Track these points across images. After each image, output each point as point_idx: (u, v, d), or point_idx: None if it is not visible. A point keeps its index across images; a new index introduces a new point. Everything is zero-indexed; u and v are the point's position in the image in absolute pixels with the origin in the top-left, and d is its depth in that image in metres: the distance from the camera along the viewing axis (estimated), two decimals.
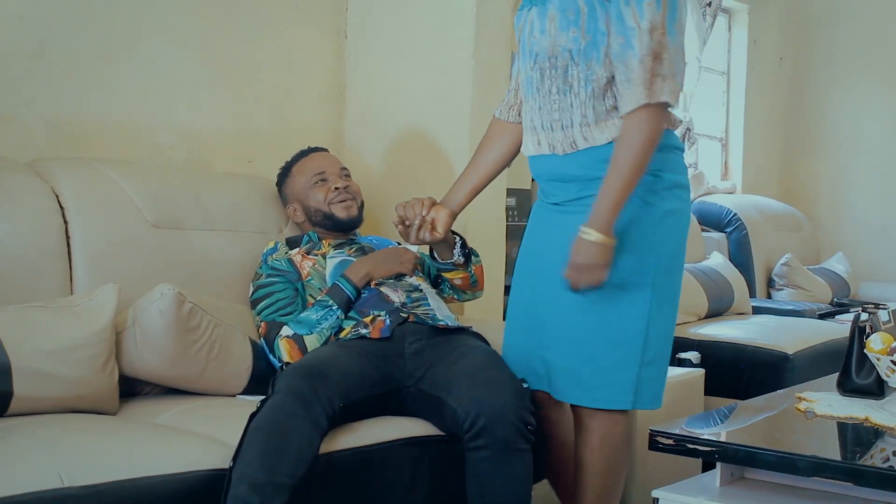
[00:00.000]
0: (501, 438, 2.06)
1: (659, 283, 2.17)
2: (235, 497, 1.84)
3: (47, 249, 2.37)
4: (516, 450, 2.08)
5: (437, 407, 2.20)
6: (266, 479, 1.85)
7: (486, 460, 2.07)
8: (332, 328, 2.43)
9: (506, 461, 2.07)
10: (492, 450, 2.07)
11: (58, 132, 2.74)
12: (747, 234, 5.00)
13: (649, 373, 2.19)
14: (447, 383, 2.19)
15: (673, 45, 2.05)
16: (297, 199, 2.81)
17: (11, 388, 1.97)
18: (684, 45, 2.13)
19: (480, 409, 2.07)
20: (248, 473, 1.86)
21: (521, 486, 2.10)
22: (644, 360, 2.17)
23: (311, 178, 2.77)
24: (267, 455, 1.88)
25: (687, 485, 2.18)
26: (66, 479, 1.67)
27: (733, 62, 5.73)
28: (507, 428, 2.06)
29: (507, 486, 2.08)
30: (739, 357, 3.70)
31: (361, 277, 2.52)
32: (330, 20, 3.46)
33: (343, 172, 2.82)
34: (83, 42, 2.78)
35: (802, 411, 2.38)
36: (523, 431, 2.09)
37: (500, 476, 2.07)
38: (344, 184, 2.76)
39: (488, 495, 2.08)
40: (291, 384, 2.02)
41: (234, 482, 1.85)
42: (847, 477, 1.96)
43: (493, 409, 2.06)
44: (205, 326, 2.30)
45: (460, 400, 2.11)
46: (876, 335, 2.40)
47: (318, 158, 2.84)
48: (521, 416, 2.09)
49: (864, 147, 5.88)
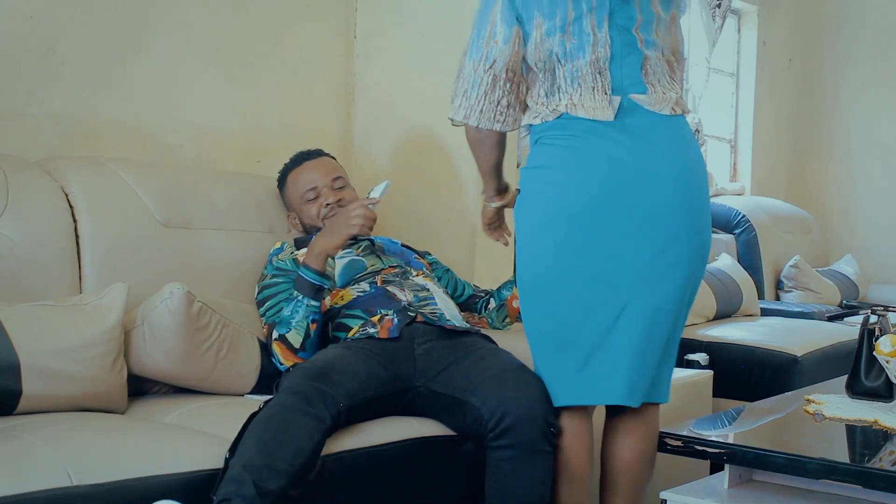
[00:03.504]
0: (527, 439, 2.06)
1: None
2: (229, 478, 1.81)
3: (56, 248, 2.38)
4: (540, 451, 2.08)
5: (454, 407, 2.19)
6: (262, 462, 1.83)
7: (509, 460, 2.07)
8: (307, 317, 2.39)
9: (529, 462, 2.06)
10: (516, 450, 2.06)
11: (68, 131, 2.75)
12: (756, 236, 4.99)
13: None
14: (468, 383, 2.18)
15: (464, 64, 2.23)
16: (293, 209, 2.81)
17: (21, 386, 1.98)
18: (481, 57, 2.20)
19: (507, 409, 2.06)
20: (243, 458, 1.84)
21: (542, 488, 2.10)
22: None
23: (304, 193, 2.76)
24: (264, 443, 1.86)
25: (695, 486, 2.17)
26: (74, 478, 1.68)
27: (743, 63, 5.72)
28: (533, 429, 2.06)
29: (528, 486, 2.07)
30: (748, 359, 3.70)
31: (315, 257, 2.42)
32: (339, 20, 3.46)
33: (336, 184, 2.77)
34: (93, 41, 2.79)
35: (811, 413, 2.38)
36: (547, 434, 2.09)
37: (521, 476, 2.07)
38: (336, 198, 2.73)
39: (508, 495, 2.08)
40: (295, 384, 2.02)
41: (230, 467, 1.84)
42: (856, 480, 1.96)
43: (520, 410, 2.06)
44: (214, 326, 2.30)
45: (485, 399, 2.10)
46: (885, 337, 2.40)
47: (309, 170, 2.79)
48: (547, 418, 2.09)
49: (873, 149, 5.87)
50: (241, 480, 1.80)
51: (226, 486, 1.80)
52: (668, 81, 2.19)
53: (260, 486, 1.80)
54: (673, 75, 2.21)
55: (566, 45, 2.14)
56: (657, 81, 2.17)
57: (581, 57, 2.13)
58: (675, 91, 2.20)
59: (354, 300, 2.52)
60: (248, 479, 1.80)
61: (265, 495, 1.80)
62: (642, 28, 2.16)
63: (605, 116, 2.12)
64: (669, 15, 2.20)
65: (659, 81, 2.17)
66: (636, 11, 2.15)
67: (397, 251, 2.79)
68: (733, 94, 5.70)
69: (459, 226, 3.22)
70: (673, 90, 2.19)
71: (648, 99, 2.15)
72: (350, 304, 2.52)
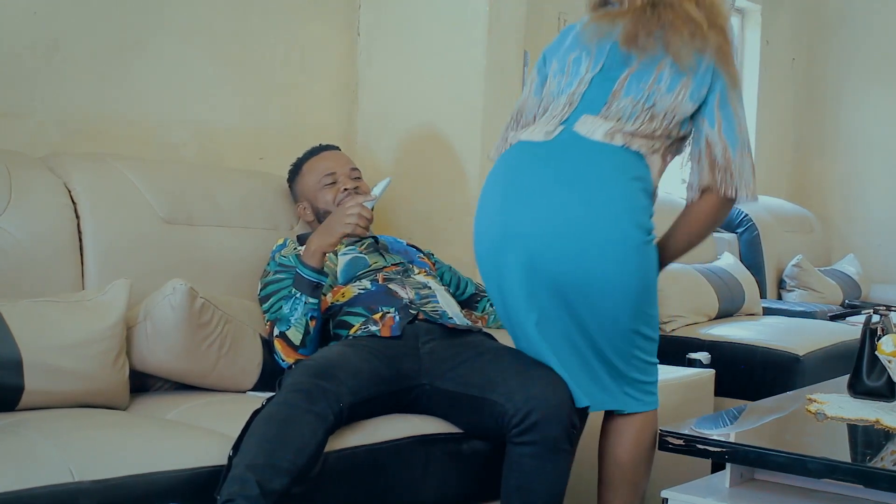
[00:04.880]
0: (551, 437, 2.06)
1: None
2: (233, 477, 1.82)
3: (59, 244, 2.38)
4: (562, 450, 2.09)
5: (468, 404, 2.19)
6: (265, 461, 1.83)
7: (532, 457, 2.07)
8: (306, 314, 2.40)
9: (550, 460, 2.07)
10: (539, 447, 2.07)
11: (71, 128, 2.75)
12: (758, 235, 4.99)
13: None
14: (487, 381, 2.17)
15: None
16: (306, 198, 2.81)
17: (23, 382, 1.98)
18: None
19: (534, 405, 2.06)
20: (246, 458, 1.84)
21: (559, 486, 2.11)
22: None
23: (321, 178, 2.77)
24: (267, 442, 1.86)
25: (696, 485, 2.17)
26: (76, 474, 1.68)
27: (746, 63, 5.72)
28: (558, 427, 2.07)
29: (547, 484, 2.08)
30: (750, 358, 3.69)
31: (312, 254, 2.43)
32: (343, 17, 3.46)
33: (353, 174, 2.81)
34: (97, 38, 2.79)
35: (813, 413, 2.38)
36: (570, 433, 2.10)
37: (542, 474, 2.08)
38: (353, 185, 2.76)
39: (527, 491, 2.09)
40: (297, 382, 2.02)
41: (233, 466, 1.84)
42: (857, 479, 1.95)
43: (547, 407, 2.07)
44: (216, 322, 2.30)
45: (510, 395, 2.10)
46: (887, 337, 2.40)
47: (328, 158, 2.83)
48: (570, 417, 2.10)
49: (876, 148, 5.86)
50: (244, 480, 1.80)
51: (229, 486, 1.81)
52: (633, 120, 2.19)
53: (263, 486, 1.80)
54: (648, 123, 2.19)
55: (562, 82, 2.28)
56: (616, 116, 2.19)
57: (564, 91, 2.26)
58: (635, 129, 2.18)
59: (356, 297, 2.53)
60: (251, 479, 1.80)
61: (268, 495, 1.81)
62: (633, 77, 2.22)
63: (537, 137, 2.22)
64: (681, 81, 2.20)
65: (618, 119, 2.19)
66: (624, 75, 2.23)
67: (401, 249, 2.79)
68: None
69: (463, 223, 3.22)
70: (631, 126, 2.18)
71: (585, 122, 2.19)
72: (351, 302, 2.52)
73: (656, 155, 2.21)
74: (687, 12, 2.22)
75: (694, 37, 2.20)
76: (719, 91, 2.21)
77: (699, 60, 2.20)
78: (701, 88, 2.20)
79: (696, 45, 2.20)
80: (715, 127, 2.21)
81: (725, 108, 2.21)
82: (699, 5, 2.24)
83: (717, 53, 2.22)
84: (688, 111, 2.22)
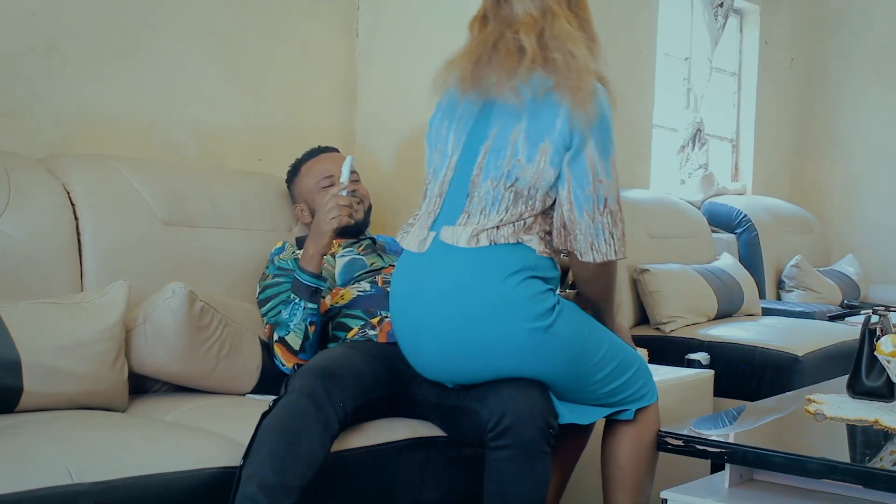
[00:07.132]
0: (527, 440, 2.04)
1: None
2: (244, 496, 1.84)
3: (58, 246, 2.38)
4: (538, 452, 2.06)
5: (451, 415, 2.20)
6: (276, 480, 1.85)
7: (508, 461, 2.05)
8: (305, 319, 2.41)
9: (527, 463, 2.05)
10: (515, 450, 2.04)
11: (70, 129, 2.75)
12: (757, 236, 4.99)
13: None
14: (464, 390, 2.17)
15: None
16: (304, 200, 2.81)
17: (22, 383, 1.98)
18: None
19: (506, 409, 2.05)
20: (258, 474, 1.86)
21: (541, 489, 2.08)
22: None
23: (319, 180, 2.76)
24: (278, 456, 1.88)
25: (696, 486, 2.17)
26: (75, 476, 1.68)
27: (745, 63, 5.71)
28: (532, 430, 2.04)
29: (527, 487, 2.06)
30: (749, 358, 3.69)
31: (309, 259, 2.44)
32: (342, 18, 3.46)
33: (352, 176, 2.80)
34: (96, 39, 2.79)
35: (812, 413, 2.38)
36: (546, 434, 2.07)
37: (520, 477, 2.06)
38: (352, 188, 2.76)
39: (508, 496, 2.06)
40: (305, 384, 2.02)
41: (244, 481, 1.86)
42: (857, 479, 1.96)
43: (519, 410, 2.05)
44: (215, 325, 2.30)
45: (483, 401, 2.10)
46: (886, 337, 2.40)
47: (327, 160, 2.82)
48: (546, 419, 2.08)
49: (875, 149, 5.86)
50: (256, 501, 1.83)
51: None
52: (496, 210, 2.10)
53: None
54: (513, 209, 2.09)
55: (435, 161, 2.23)
56: (477, 211, 2.11)
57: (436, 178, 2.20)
58: (499, 220, 2.09)
59: (354, 300, 2.53)
60: (264, 501, 1.83)
61: None
62: (490, 154, 2.11)
63: (413, 247, 2.18)
64: (539, 148, 2.08)
65: (481, 212, 2.11)
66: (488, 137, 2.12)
67: (399, 250, 2.79)
68: (735, 93, 5.69)
69: None
70: (495, 219, 2.09)
71: (447, 232, 2.12)
72: (350, 304, 2.52)
73: (531, 234, 2.09)
74: (518, 42, 2.12)
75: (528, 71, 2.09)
76: (576, 143, 2.06)
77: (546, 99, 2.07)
78: (561, 151, 2.07)
79: (529, 80, 2.08)
80: (565, 186, 2.08)
81: (576, 163, 2.06)
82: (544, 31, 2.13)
83: (570, 93, 2.06)
84: (551, 178, 2.08)
